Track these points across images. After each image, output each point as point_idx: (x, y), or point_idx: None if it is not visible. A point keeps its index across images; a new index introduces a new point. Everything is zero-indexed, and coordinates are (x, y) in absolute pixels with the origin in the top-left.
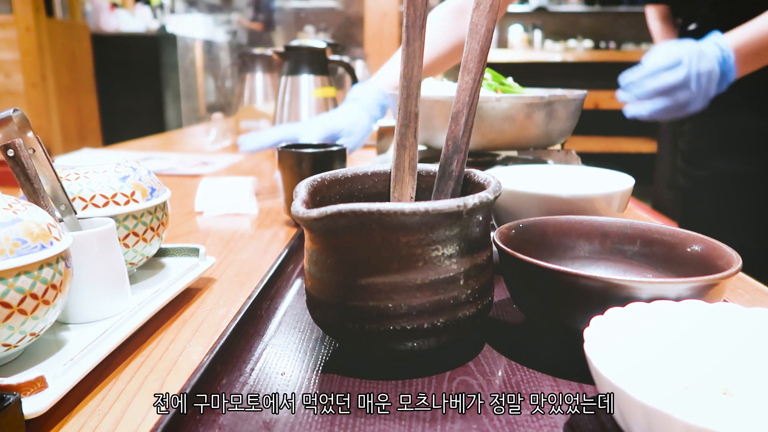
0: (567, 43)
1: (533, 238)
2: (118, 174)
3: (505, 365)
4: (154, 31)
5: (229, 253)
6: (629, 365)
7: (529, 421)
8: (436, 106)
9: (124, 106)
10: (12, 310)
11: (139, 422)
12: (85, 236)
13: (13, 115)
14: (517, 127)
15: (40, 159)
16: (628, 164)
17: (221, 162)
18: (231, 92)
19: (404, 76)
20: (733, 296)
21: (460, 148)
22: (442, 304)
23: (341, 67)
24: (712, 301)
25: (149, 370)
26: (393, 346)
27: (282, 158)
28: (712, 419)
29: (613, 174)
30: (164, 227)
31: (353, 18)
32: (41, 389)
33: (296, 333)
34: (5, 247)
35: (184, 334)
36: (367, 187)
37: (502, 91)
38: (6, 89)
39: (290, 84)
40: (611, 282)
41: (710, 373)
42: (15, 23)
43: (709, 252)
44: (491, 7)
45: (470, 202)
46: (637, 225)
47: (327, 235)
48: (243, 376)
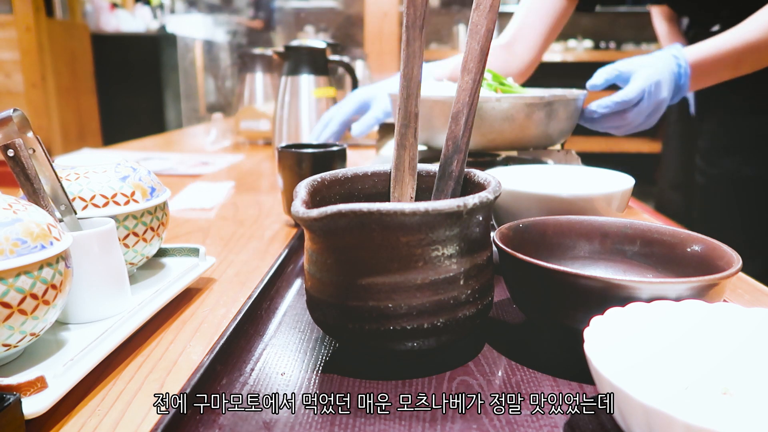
0: (567, 43)
1: (533, 238)
2: (118, 174)
3: (505, 365)
4: (154, 31)
5: (229, 253)
6: (629, 365)
7: (529, 421)
8: (436, 106)
9: (124, 106)
10: (12, 310)
11: (139, 422)
12: (85, 236)
13: (13, 115)
14: (517, 127)
15: (40, 159)
16: (629, 164)
17: (221, 162)
18: (231, 92)
19: (404, 76)
20: (733, 296)
21: (460, 148)
22: (442, 304)
23: (341, 67)
24: (712, 301)
25: (149, 370)
26: (393, 346)
27: (282, 158)
28: (712, 419)
29: (613, 174)
30: (164, 227)
31: (353, 18)
32: (41, 389)
33: (296, 333)
34: (5, 247)
35: (184, 334)
36: (367, 187)
37: (502, 91)
38: (6, 89)
39: (290, 84)
40: (611, 282)
41: (710, 373)
42: (15, 23)
43: (709, 252)
44: (491, 7)
45: (470, 202)
46: (637, 225)
47: (327, 235)
48: (243, 376)
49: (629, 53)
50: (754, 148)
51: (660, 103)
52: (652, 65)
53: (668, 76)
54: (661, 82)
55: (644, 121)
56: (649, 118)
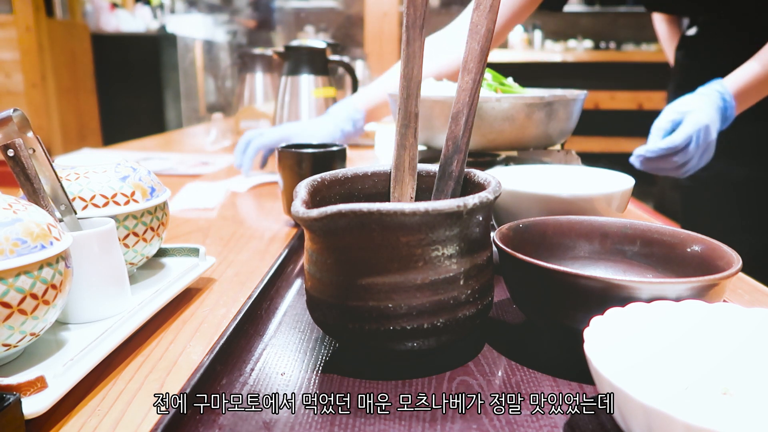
0: (567, 43)
1: (533, 238)
2: (118, 174)
3: (505, 365)
4: (154, 31)
5: (229, 253)
6: (629, 365)
7: (529, 421)
8: (436, 106)
9: (124, 106)
10: (12, 310)
11: (139, 422)
12: (85, 236)
13: (13, 115)
14: (517, 127)
15: (40, 159)
16: (629, 164)
17: (221, 162)
18: (231, 92)
19: (404, 76)
20: (733, 296)
21: (460, 148)
22: (442, 304)
23: (341, 67)
24: (712, 301)
25: (149, 370)
26: (393, 346)
27: (282, 158)
28: (712, 419)
29: (613, 174)
30: (164, 227)
31: (353, 18)
32: (41, 389)
33: (296, 333)
34: (5, 247)
35: (184, 334)
36: (367, 187)
37: (502, 91)
38: (6, 89)
39: (290, 84)
40: (611, 282)
41: (710, 373)
42: (15, 23)
43: (709, 252)
44: (491, 7)
45: (470, 202)
46: (637, 225)
47: (327, 235)
48: (243, 376)
49: (629, 53)
50: (757, 154)
51: (709, 143)
52: (702, 109)
53: (715, 115)
54: (710, 126)
55: (697, 162)
56: (700, 159)
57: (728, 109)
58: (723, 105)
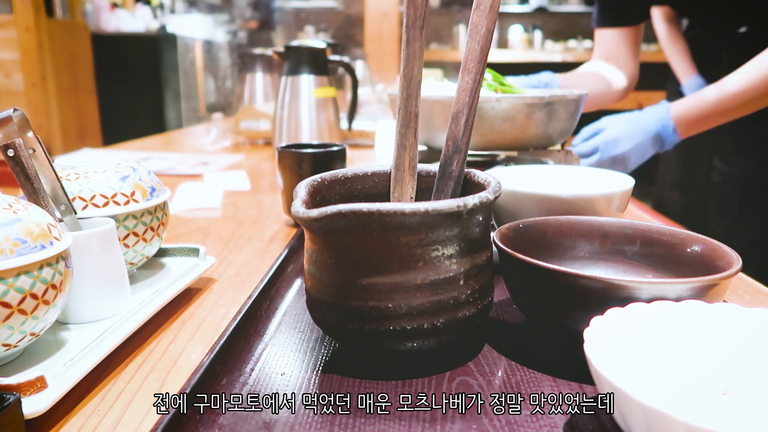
0: (567, 43)
1: (533, 238)
2: (118, 174)
3: (505, 365)
4: (154, 31)
5: (229, 253)
6: (629, 365)
7: (529, 421)
8: (436, 106)
9: (124, 106)
10: (12, 310)
11: (139, 422)
12: (85, 236)
13: (13, 115)
14: (517, 128)
15: (40, 159)
16: None
17: (221, 162)
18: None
19: (404, 76)
20: (733, 296)
21: (460, 148)
22: (442, 304)
23: (341, 67)
24: (712, 302)
25: (149, 370)
26: (393, 346)
27: (282, 158)
28: (712, 419)
29: (613, 174)
30: (164, 227)
31: (353, 18)
32: (41, 389)
33: (296, 333)
34: (5, 247)
35: (184, 334)
36: (367, 187)
37: (502, 91)
38: (6, 89)
39: (290, 84)
40: (611, 282)
41: (710, 373)
42: (15, 23)
43: (709, 252)
44: (491, 8)
45: (470, 202)
46: (637, 225)
47: (327, 235)
48: (243, 376)
49: None
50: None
51: (616, 157)
52: (617, 125)
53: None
54: (620, 139)
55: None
56: (613, 165)
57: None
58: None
